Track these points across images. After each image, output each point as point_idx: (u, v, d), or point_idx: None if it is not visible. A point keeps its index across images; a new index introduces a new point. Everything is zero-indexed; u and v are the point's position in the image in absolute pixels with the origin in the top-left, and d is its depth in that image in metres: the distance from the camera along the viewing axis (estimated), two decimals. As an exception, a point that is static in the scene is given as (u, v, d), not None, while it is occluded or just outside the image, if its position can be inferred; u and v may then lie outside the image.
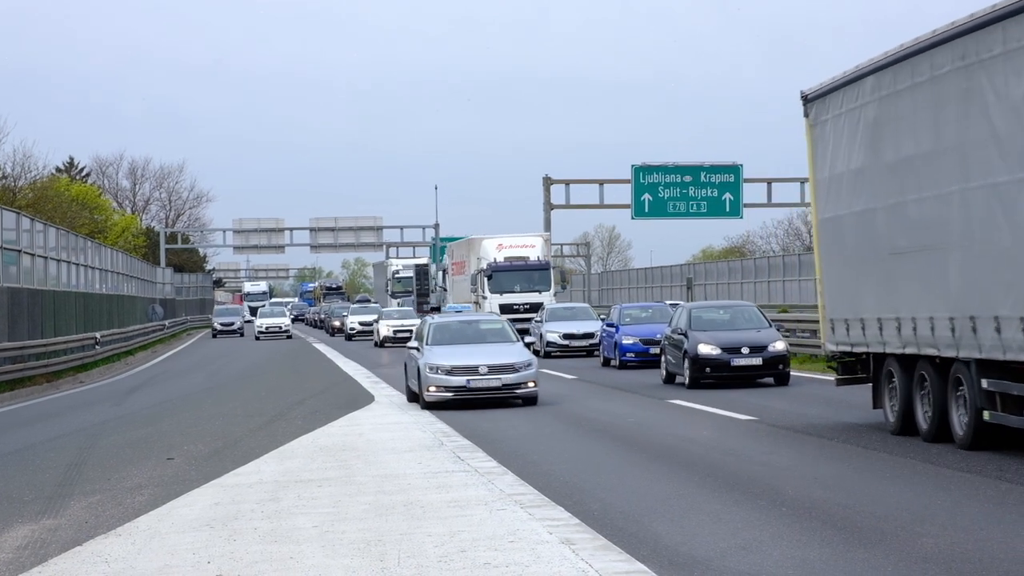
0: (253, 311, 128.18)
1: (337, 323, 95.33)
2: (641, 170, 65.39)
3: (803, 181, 67.54)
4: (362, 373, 44.57)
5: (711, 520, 14.70)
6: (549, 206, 67.56)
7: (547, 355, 49.17)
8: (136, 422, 29.72)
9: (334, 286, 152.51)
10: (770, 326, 34.90)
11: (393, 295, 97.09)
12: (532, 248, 59.94)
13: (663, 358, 36.14)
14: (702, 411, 27.74)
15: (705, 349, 33.31)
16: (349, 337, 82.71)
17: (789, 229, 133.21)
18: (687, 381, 33.61)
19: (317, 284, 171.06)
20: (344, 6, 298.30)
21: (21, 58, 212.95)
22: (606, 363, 44.10)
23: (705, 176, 65.85)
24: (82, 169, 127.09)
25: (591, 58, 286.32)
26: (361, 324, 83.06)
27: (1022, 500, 15.52)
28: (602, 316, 50.52)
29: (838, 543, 13.19)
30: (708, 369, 33.27)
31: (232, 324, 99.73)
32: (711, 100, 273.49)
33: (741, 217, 67.82)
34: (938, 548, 12.79)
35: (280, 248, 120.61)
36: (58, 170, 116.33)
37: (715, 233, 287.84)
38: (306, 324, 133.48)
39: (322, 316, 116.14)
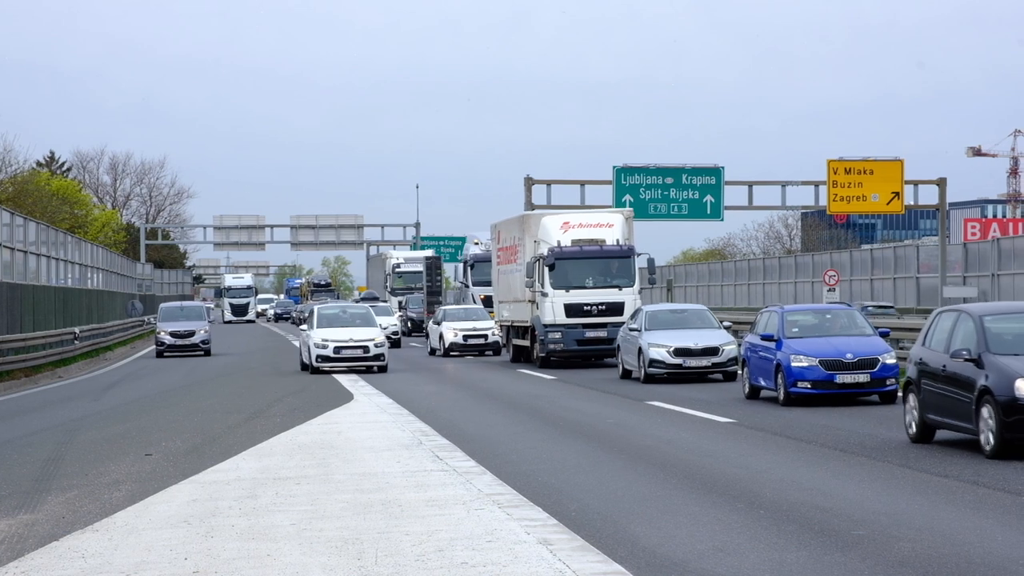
0: (236, 310, 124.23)
1: None
2: (623, 171, 65.44)
3: (784, 184, 67.70)
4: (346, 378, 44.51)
5: (689, 522, 14.72)
6: (530, 206, 67.43)
7: (649, 379, 36.14)
8: (114, 418, 29.66)
9: (323, 283, 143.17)
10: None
11: (393, 292, 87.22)
12: (610, 228, 45.46)
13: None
14: (681, 413, 27.77)
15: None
16: None
17: (770, 232, 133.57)
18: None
19: (304, 280, 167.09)
20: (327, 4, 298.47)
21: (1, 52, 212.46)
22: (753, 394, 30.78)
23: (687, 178, 65.95)
24: (63, 164, 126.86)
25: (573, 59, 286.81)
26: None
27: (999, 505, 15.56)
28: (726, 324, 39.20)
29: (815, 546, 13.22)
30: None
31: (188, 335, 60.22)
32: (692, 103, 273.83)
33: (722, 219, 67.83)
34: (915, 552, 12.83)
35: (260, 245, 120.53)
36: (39, 164, 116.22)
37: (696, 235, 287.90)
38: (292, 323, 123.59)
39: None
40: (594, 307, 44.23)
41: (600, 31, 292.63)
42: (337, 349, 43.49)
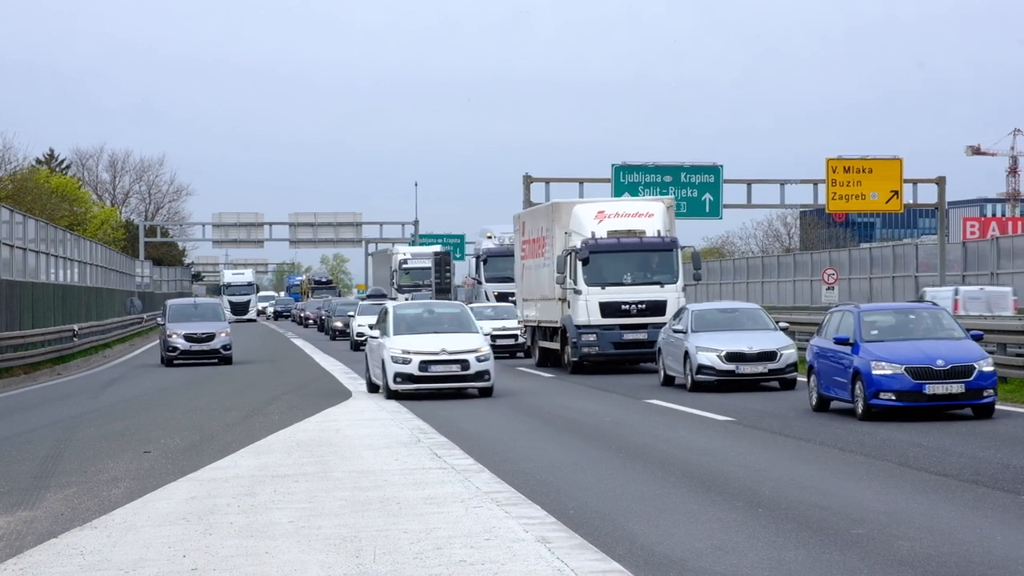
0: (236, 308, 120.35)
1: (340, 324, 75.15)
2: (621, 169, 65.37)
3: (783, 183, 67.66)
4: (339, 368, 44.45)
5: (687, 520, 14.71)
6: (529, 204, 67.38)
7: (697, 386, 32.34)
8: (113, 415, 29.66)
9: (323, 280, 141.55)
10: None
11: (400, 289, 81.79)
12: (650, 218, 41.24)
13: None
14: (679, 411, 27.76)
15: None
16: (357, 346, 59.27)
17: (768, 230, 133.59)
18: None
19: (305, 277, 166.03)
20: (327, 4, 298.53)
21: (1, 50, 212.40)
22: (822, 405, 26.90)
23: (685, 176, 65.89)
24: (62, 161, 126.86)
25: (571, 58, 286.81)
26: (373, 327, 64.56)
27: (998, 504, 15.56)
28: (782, 325, 35.48)
29: (814, 544, 13.21)
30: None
31: (207, 339, 50.48)
32: (691, 103, 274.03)
33: (721, 218, 67.76)
34: (914, 551, 12.82)
35: (259, 243, 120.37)
36: (38, 162, 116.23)
37: (695, 233, 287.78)
38: (292, 322, 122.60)
39: (317, 314, 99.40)
40: (633, 306, 40.03)
41: (599, 31, 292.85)
42: (424, 365, 31.26)
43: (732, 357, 32.00)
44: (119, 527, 14.73)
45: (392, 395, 31.03)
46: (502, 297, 53.26)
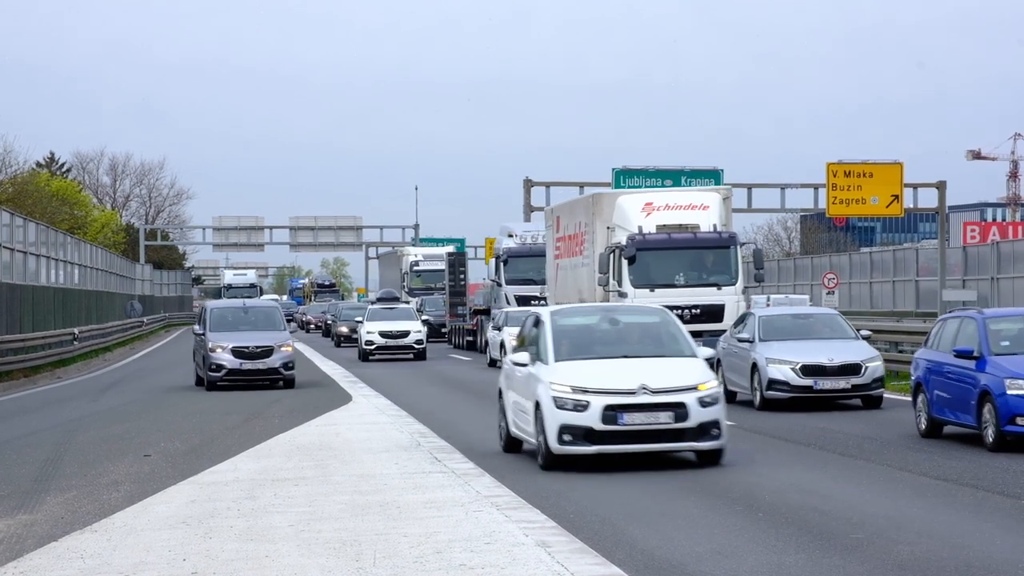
0: None
1: (345, 329, 69.81)
2: (622, 173, 65.38)
3: (783, 187, 67.71)
4: (339, 372, 44.42)
5: (687, 524, 14.72)
6: (529, 208, 67.40)
7: (767, 404, 28.01)
8: (113, 418, 29.65)
9: (326, 283, 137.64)
10: None
11: (411, 292, 77.29)
12: (704, 211, 36.40)
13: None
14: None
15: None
16: (365, 355, 53.91)
17: (769, 234, 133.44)
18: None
19: (307, 281, 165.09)
20: (326, 4, 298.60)
21: (1, 52, 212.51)
22: (933, 430, 22.49)
23: (685, 180, 65.84)
24: (62, 164, 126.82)
25: (571, 61, 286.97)
26: (387, 336, 54.33)
27: (997, 508, 15.56)
28: (864, 333, 30.47)
29: (814, 549, 13.22)
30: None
31: (262, 355, 37.49)
32: (692, 104, 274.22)
33: (721, 222, 67.74)
34: (914, 555, 12.83)
35: (260, 246, 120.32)
36: (38, 165, 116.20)
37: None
38: (294, 326, 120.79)
39: (321, 318, 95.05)
40: (686, 311, 33.98)
41: (600, 31, 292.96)
42: (611, 413, 19.10)
43: (809, 370, 27.65)
44: (119, 530, 14.73)
45: (553, 462, 19.27)
46: (523, 301, 49.63)
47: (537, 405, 19.41)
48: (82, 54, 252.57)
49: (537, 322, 20.88)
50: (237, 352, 36.96)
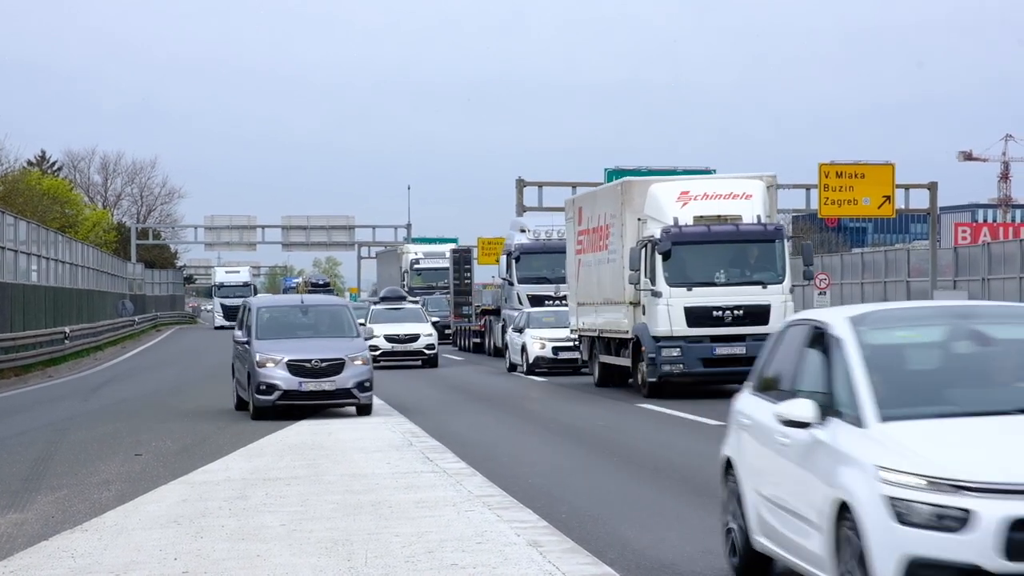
0: (230, 312, 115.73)
1: None
2: (614, 173, 65.28)
3: (777, 188, 67.77)
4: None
5: (679, 524, 14.72)
6: (521, 208, 67.28)
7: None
8: (104, 417, 29.61)
9: (320, 282, 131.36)
10: None
11: (411, 291, 71.98)
12: (747, 200, 33.03)
13: None
14: (672, 416, 27.74)
15: None
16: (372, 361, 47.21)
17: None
18: None
19: (301, 280, 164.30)
20: (326, 4, 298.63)
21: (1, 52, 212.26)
22: None
23: (678, 180, 65.93)
24: (54, 163, 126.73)
25: (566, 61, 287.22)
26: (393, 340, 48.86)
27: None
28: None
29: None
30: None
31: (330, 372, 27.88)
32: (690, 104, 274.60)
33: (713, 222, 67.82)
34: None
35: (252, 246, 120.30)
36: (29, 163, 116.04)
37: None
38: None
39: None
40: (728, 312, 31.74)
41: (599, 32, 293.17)
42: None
43: None
44: (110, 530, 14.71)
45: None
46: (536, 300, 47.53)
47: (843, 510, 9.56)
48: (79, 53, 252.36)
49: (815, 339, 11.01)
50: (295, 367, 27.80)
